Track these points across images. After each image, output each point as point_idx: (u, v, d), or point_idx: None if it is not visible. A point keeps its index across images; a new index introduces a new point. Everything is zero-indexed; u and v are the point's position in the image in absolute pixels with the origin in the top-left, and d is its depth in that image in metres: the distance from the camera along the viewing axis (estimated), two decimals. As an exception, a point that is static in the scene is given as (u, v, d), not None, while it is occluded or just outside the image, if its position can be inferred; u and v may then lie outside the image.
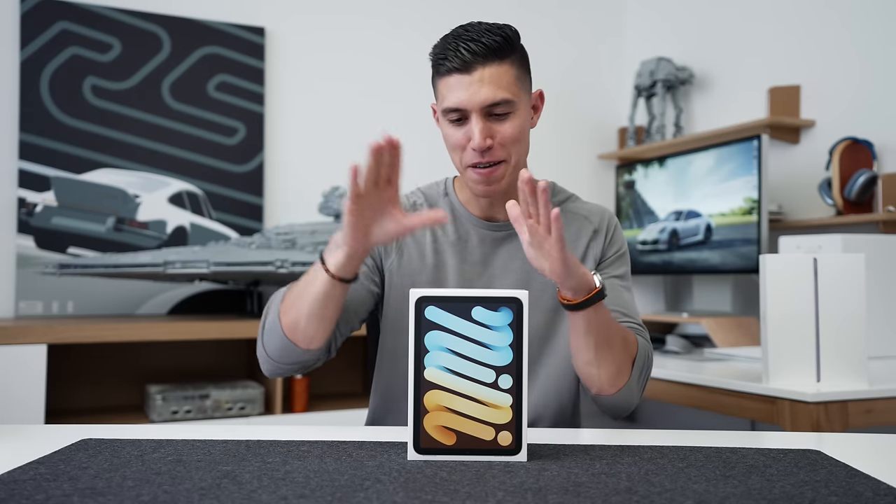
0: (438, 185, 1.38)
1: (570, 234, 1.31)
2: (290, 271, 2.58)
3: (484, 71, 1.16)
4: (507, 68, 1.18)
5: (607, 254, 1.32)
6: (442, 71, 1.20)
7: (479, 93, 1.16)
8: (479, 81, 1.16)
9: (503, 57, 1.18)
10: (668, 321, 2.80)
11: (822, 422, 1.58)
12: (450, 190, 1.36)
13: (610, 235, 1.33)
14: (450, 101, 1.19)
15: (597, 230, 1.33)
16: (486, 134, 1.18)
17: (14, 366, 2.12)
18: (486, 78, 1.16)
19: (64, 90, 2.61)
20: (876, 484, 0.80)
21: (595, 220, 1.34)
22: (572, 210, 1.34)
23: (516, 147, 1.21)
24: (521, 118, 1.21)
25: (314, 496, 0.74)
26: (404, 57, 3.07)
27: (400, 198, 1.18)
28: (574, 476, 0.83)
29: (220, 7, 2.83)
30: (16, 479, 0.79)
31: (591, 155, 3.38)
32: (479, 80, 1.16)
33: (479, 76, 1.16)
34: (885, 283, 2.09)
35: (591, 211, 1.35)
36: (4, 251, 2.54)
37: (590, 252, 1.31)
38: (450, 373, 0.89)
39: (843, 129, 2.47)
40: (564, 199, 1.37)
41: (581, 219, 1.33)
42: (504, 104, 1.18)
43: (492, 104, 1.17)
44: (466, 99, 1.17)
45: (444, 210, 1.31)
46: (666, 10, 3.24)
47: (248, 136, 2.84)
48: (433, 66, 1.23)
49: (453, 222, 1.32)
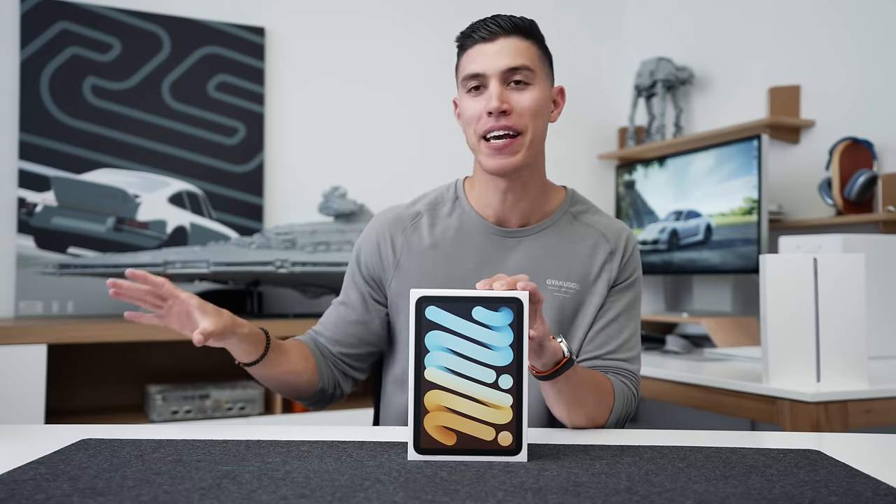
0: (448, 189, 1.33)
1: (585, 248, 1.27)
2: (290, 271, 2.58)
3: (507, 41, 1.18)
4: (530, 45, 1.20)
5: (620, 278, 1.27)
6: (466, 45, 1.21)
7: (499, 59, 1.17)
8: (500, 50, 1.17)
9: (527, 35, 1.20)
10: (668, 321, 2.80)
11: (822, 422, 1.58)
12: (460, 193, 1.31)
13: (626, 259, 1.28)
14: (470, 68, 1.19)
15: (612, 252, 1.27)
16: (504, 99, 1.17)
17: (14, 366, 2.12)
18: (508, 47, 1.18)
19: (64, 90, 2.61)
20: (876, 484, 0.80)
21: (612, 240, 1.28)
22: (590, 223, 1.30)
23: (534, 121, 1.19)
24: (540, 92, 1.20)
25: (314, 496, 0.74)
26: (404, 57, 3.07)
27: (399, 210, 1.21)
28: (574, 476, 0.83)
29: (220, 7, 2.83)
30: (16, 479, 0.79)
31: (591, 155, 3.39)
32: (501, 48, 1.17)
33: (501, 45, 1.18)
34: (885, 283, 2.09)
35: (609, 228, 1.29)
36: (4, 251, 2.54)
37: (603, 273, 1.26)
38: (450, 373, 0.89)
39: (843, 129, 2.47)
40: (584, 210, 1.32)
41: (598, 235, 1.28)
42: (523, 70, 1.17)
43: (511, 69, 1.17)
44: (486, 65, 1.17)
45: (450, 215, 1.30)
46: (666, 10, 3.24)
47: (248, 136, 2.84)
48: (459, 47, 1.23)
49: (459, 228, 1.28)
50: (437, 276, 1.25)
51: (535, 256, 1.25)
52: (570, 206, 1.30)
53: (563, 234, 1.27)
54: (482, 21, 1.21)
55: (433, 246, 1.27)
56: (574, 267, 1.25)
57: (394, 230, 1.29)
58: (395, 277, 1.28)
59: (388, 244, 1.29)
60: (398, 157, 3.01)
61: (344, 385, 1.32)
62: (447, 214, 1.30)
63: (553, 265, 1.25)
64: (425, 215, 1.30)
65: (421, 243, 1.28)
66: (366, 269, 1.30)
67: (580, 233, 1.28)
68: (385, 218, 1.32)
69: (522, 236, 1.26)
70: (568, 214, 1.30)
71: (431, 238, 1.28)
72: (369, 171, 2.98)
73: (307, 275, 2.61)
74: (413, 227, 1.29)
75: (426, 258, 1.27)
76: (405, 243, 1.28)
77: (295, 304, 2.82)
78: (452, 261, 1.26)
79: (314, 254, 2.64)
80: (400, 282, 1.27)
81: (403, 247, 1.28)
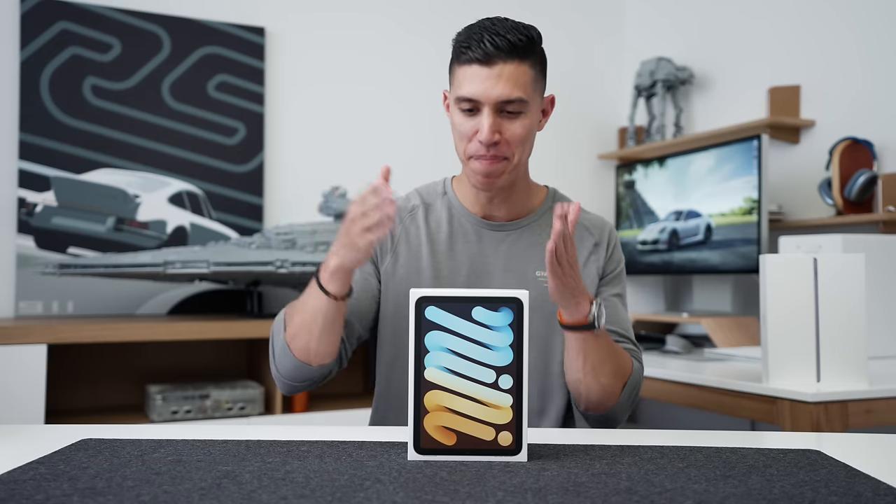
0: (437, 185, 1.39)
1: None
2: (290, 271, 2.58)
3: (504, 67, 1.17)
4: (527, 69, 1.19)
5: (607, 270, 1.34)
6: (463, 59, 1.20)
7: (495, 88, 1.17)
8: (497, 77, 1.17)
9: (524, 57, 1.19)
10: (668, 321, 2.80)
11: (822, 422, 1.58)
12: (448, 189, 1.36)
13: (610, 251, 1.35)
14: (466, 90, 1.19)
15: (597, 243, 1.34)
16: (495, 129, 1.19)
17: (14, 366, 2.12)
18: (505, 74, 1.17)
19: (64, 90, 2.61)
20: (876, 484, 0.80)
21: (596, 234, 1.35)
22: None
23: (522, 147, 1.23)
24: (530, 119, 1.22)
25: (314, 496, 0.74)
26: (405, 56, 3.07)
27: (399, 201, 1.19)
28: (574, 476, 0.83)
29: (220, 7, 2.83)
30: (16, 479, 0.79)
31: (591, 155, 3.38)
32: (498, 75, 1.17)
33: (499, 71, 1.17)
34: (885, 283, 2.09)
35: (592, 223, 1.37)
36: (4, 251, 2.54)
37: (590, 263, 1.33)
38: (450, 373, 0.89)
39: (843, 129, 2.47)
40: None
41: (581, 228, 1.35)
42: (517, 102, 1.19)
43: (506, 101, 1.18)
44: (482, 91, 1.18)
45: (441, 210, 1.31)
46: (666, 9, 3.24)
47: (248, 136, 2.84)
48: (454, 53, 1.23)
49: (450, 222, 1.33)
50: (429, 265, 1.29)
51: (522, 249, 1.31)
52: (552, 203, 1.36)
53: (547, 228, 1.33)
54: (480, 34, 1.18)
55: (428, 237, 1.32)
56: None
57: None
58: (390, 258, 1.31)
59: None
60: (398, 157, 3.01)
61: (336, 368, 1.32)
62: (438, 209, 1.35)
63: (541, 257, 1.30)
64: (421, 207, 1.35)
65: (418, 234, 1.32)
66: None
67: None
68: None
69: (510, 230, 1.32)
70: (551, 210, 1.35)
71: (426, 229, 1.32)
72: (369, 171, 2.97)
73: (307, 275, 2.61)
74: (411, 217, 1.34)
75: (422, 249, 1.31)
76: (404, 232, 1.33)
77: (295, 304, 2.82)
78: (443, 253, 1.31)
79: (314, 254, 2.64)
80: (394, 264, 1.30)
81: (402, 235, 1.32)
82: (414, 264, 1.30)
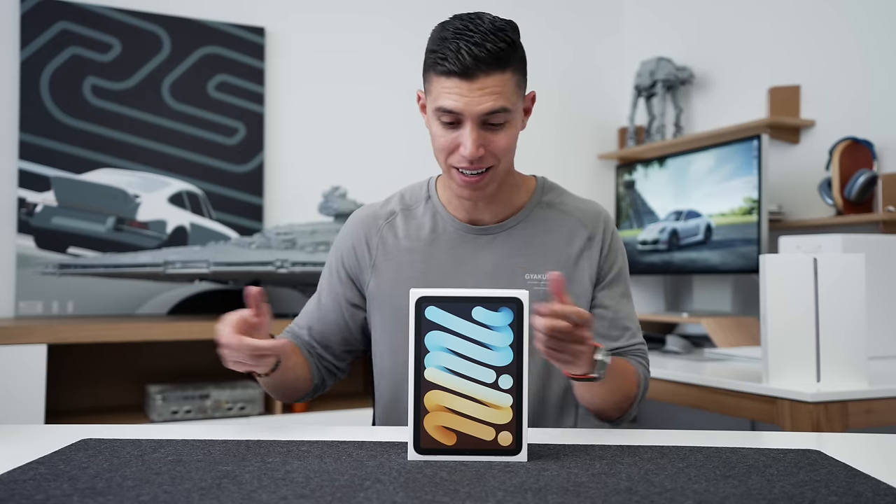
0: (421, 188, 1.33)
1: (561, 236, 1.27)
2: (290, 271, 2.58)
3: (486, 80, 1.10)
4: (509, 76, 1.12)
5: (606, 269, 1.27)
6: (439, 70, 1.11)
7: (479, 102, 1.10)
8: (479, 90, 1.10)
9: (506, 65, 1.11)
10: (668, 321, 2.80)
11: (822, 422, 1.58)
12: (432, 192, 1.31)
13: (607, 247, 1.27)
14: (446, 103, 1.12)
15: (591, 237, 1.27)
16: (479, 143, 1.13)
17: (14, 366, 2.12)
18: (488, 86, 1.10)
19: (64, 90, 2.61)
20: (876, 484, 0.80)
21: (589, 225, 1.27)
22: (564, 210, 1.29)
23: (506, 154, 1.17)
24: (514, 127, 1.17)
25: (314, 496, 0.74)
26: (405, 56, 3.07)
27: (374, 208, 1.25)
28: (574, 476, 0.82)
29: (219, 7, 2.83)
30: (16, 479, 0.79)
31: (591, 155, 3.38)
32: (480, 88, 1.10)
33: (481, 84, 1.10)
34: (885, 283, 2.09)
35: (584, 213, 1.29)
36: (4, 251, 2.54)
37: (583, 260, 1.26)
38: (450, 373, 0.89)
39: (843, 129, 2.47)
40: (556, 197, 1.31)
41: (574, 221, 1.28)
42: (502, 113, 1.12)
43: (490, 112, 1.11)
44: (464, 106, 1.11)
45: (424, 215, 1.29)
46: (665, 9, 3.24)
47: (248, 136, 2.84)
48: (429, 61, 1.14)
49: (434, 229, 1.28)
50: (413, 276, 1.25)
51: (510, 253, 1.25)
52: (541, 196, 1.30)
53: (536, 225, 1.27)
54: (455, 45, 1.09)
55: (408, 245, 1.27)
56: (550, 257, 1.25)
57: (369, 230, 1.30)
58: (372, 277, 1.28)
59: (363, 245, 1.29)
60: (398, 157, 3.01)
61: (329, 380, 1.34)
62: (421, 214, 1.30)
63: (529, 259, 1.25)
64: (399, 214, 1.30)
65: (397, 243, 1.28)
66: (345, 271, 1.31)
67: (555, 221, 1.27)
68: (359, 218, 1.32)
69: (496, 233, 1.26)
70: (541, 205, 1.29)
71: (406, 237, 1.28)
72: (369, 171, 2.98)
73: (307, 275, 2.61)
74: (388, 225, 1.29)
75: (402, 259, 1.27)
76: (380, 243, 1.28)
77: (295, 304, 2.82)
78: (427, 261, 1.26)
79: (314, 254, 2.64)
80: (377, 282, 1.28)
81: (379, 247, 1.28)
82: (397, 276, 1.26)
